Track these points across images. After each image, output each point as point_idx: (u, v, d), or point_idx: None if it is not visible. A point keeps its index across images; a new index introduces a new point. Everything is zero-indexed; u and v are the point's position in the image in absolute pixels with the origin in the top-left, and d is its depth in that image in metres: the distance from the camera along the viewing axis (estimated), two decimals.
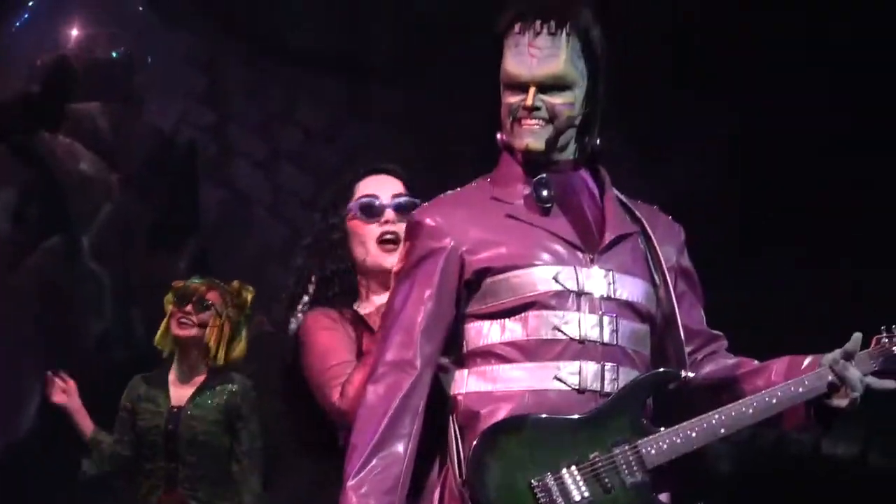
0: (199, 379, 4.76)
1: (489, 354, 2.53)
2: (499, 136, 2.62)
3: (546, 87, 2.52)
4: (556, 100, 2.53)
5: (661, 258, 2.59)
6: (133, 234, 6.24)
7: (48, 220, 6.12)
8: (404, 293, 2.55)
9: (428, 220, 2.57)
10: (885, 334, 2.55)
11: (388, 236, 2.97)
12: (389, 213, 2.99)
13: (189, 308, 4.71)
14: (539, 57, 2.52)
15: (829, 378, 2.50)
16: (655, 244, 2.60)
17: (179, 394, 4.74)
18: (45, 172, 6.13)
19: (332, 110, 6.81)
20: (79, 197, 6.18)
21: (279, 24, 6.66)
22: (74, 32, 6.18)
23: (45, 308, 6.05)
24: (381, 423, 2.49)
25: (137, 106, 6.35)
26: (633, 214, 2.62)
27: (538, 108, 2.52)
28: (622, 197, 2.65)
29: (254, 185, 6.70)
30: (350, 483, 2.47)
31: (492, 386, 2.52)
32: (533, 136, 2.54)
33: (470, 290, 2.54)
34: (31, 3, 6.22)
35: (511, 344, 2.52)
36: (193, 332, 4.71)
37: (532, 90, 2.52)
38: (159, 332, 4.83)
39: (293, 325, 2.98)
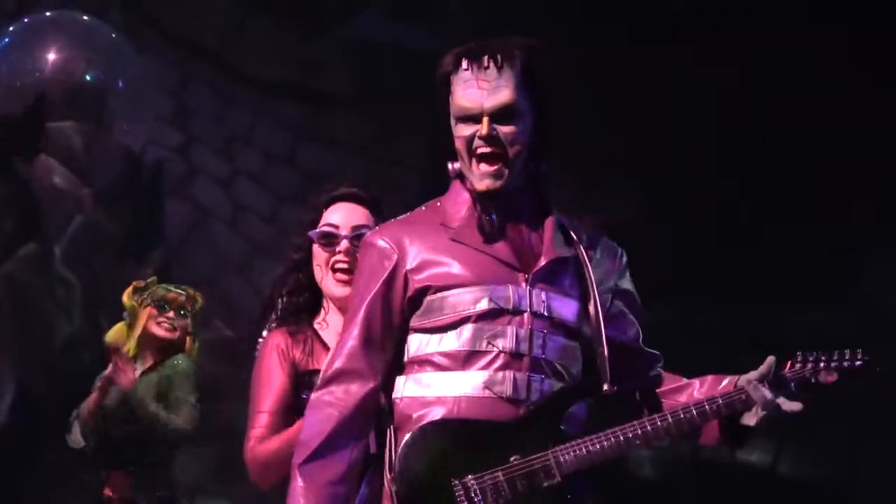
0: (147, 363, 4.92)
1: (426, 362, 2.62)
2: (451, 165, 2.68)
3: (497, 116, 2.58)
4: (508, 128, 2.59)
5: (593, 280, 2.64)
6: (102, 245, 6.39)
7: (23, 230, 6.25)
8: (354, 307, 2.66)
9: (378, 241, 2.67)
10: (799, 359, 2.60)
11: (341, 265, 3.07)
12: (345, 244, 3.08)
13: (171, 314, 4.93)
14: (488, 89, 2.59)
15: (742, 398, 2.55)
16: (588, 268, 2.65)
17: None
18: (21, 186, 6.28)
19: (290, 134, 7.09)
20: (52, 209, 6.34)
21: (242, 52, 6.91)
22: (51, 57, 6.33)
23: (18, 312, 6.17)
24: (330, 425, 2.58)
25: (109, 126, 6.52)
26: (571, 239, 2.67)
27: (493, 137, 2.58)
28: (564, 220, 2.70)
29: (215, 201, 6.93)
30: (298, 470, 2.58)
31: (426, 391, 2.61)
32: (492, 178, 2.60)
33: (413, 305, 2.63)
34: (10, 29, 6.40)
35: (446, 354, 2.59)
36: (176, 335, 4.91)
37: (486, 119, 2.58)
38: (135, 335, 4.95)
39: (259, 341, 3.14)
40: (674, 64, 6.28)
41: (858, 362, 2.54)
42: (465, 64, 2.61)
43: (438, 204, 2.72)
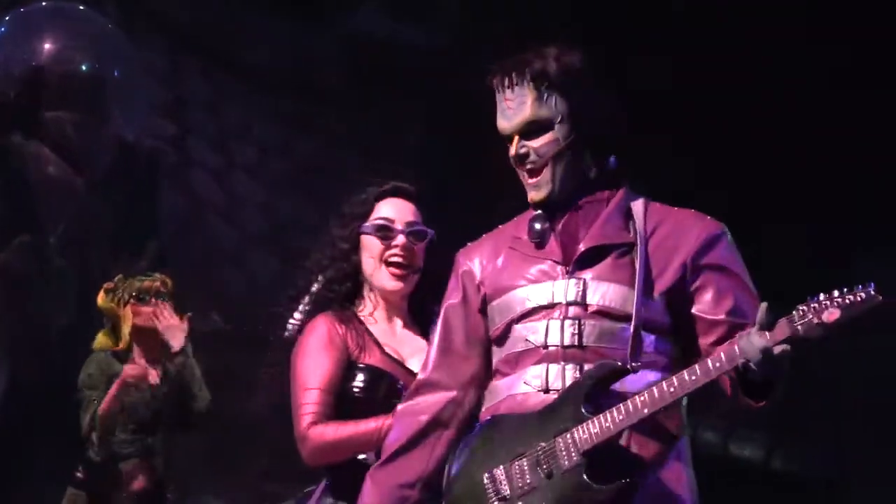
0: (155, 376, 5.01)
1: (496, 372, 2.75)
2: None
3: (525, 133, 2.68)
4: (538, 142, 2.68)
5: (639, 262, 2.62)
6: (96, 235, 6.39)
7: (17, 220, 6.27)
8: (440, 320, 2.83)
9: (459, 255, 2.86)
10: (802, 304, 2.48)
11: (396, 259, 3.18)
12: (402, 239, 3.18)
13: (153, 301, 5.01)
14: (513, 108, 2.69)
15: (736, 350, 2.48)
16: (638, 249, 2.63)
17: (151, 376, 4.99)
18: (16, 175, 6.29)
19: (285, 126, 7.11)
20: (46, 199, 6.35)
21: (238, 44, 6.93)
22: (47, 46, 6.32)
23: (12, 302, 6.18)
24: (407, 435, 2.75)
25: (103, 116, 6.50)
26: (629, 224, 2.68)
27: (526, 155, 2.69)
28: (637, 206, 2.70)
29: (209, 193, 6.93)
30: (370, 475, 2.77)
31: (490, 401, 2.74)
32: (535, 189, 2.71)
33: (485, 318, 2.78)
34: (6, 18, 6.37)
35: (504, 360, 2.71)
36: (165, 323, 4.98)
37: (515, 139, 2.70)
38: (125, 334, 5.03)
39: (293, 323, 3.21)
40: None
41: (861, 295, 2.44)
42: (495, 87, 2.72)
43: (523, 215, 2.80)
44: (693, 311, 2.66)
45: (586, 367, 2.60)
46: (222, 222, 6.97)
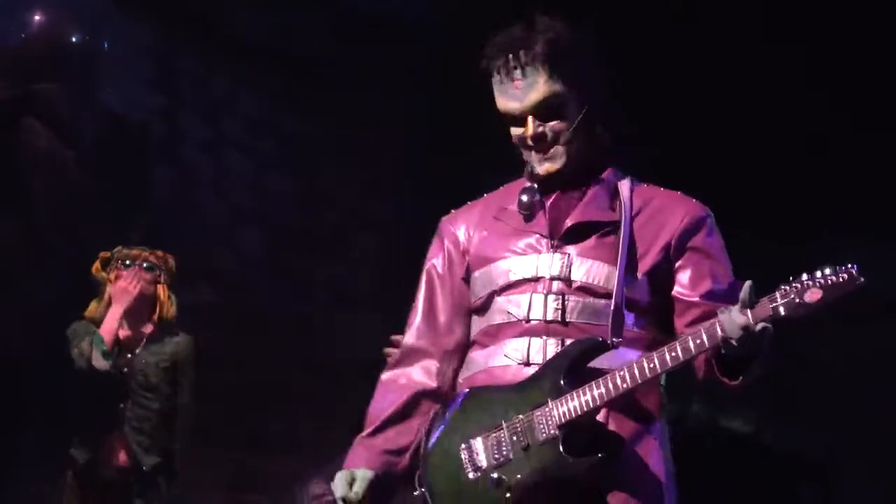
0: (148, 329, 5.12)
1: (475, 343, 2.76)
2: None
3: (539, 112, 2.66)
4: (552, 120, 2.67)
5: (623, 240, 2.64)
6: (87, 208, 6.37)
7: (7, 193, 6.26)
8: (418, 290, 2.85)
9: (443, 223, 2.87)
10: (785, 284, 2.48)
11: None
12: None
13: (136, 269, 5.08)
14: (521, 88, 2.65)
15: (716, 326, 2.48)
16: (623, 228, 2.64)
17: (130, 341, 5.08)
18: (5, 147, 6.27)
19: (274, 100, 7.08)
20: (36, 171, 6.35)
21: (228, 17, 6.88)
22: (37, 18, 6.33)
23: (2, 277, 6.19)
24: (395, 406, 2.77)
25: (93, 88, 6.51)
26: (616, 202, 2.69)
27: (543, 135, 2.67)
28: (624, 184, 2.72)
29: (199, 166, 6.92)
30: (360, 440, 2.77)
31: (468, 371, 2.75)
32: (551, 162, 2.69)
33: (467, 286, 2.79)
34: None
35: (485, 332, 2.73)
36: (140, 286, 5.05)
37: (529, 120, 2.67)
38: (107, 299, 5.07)
39: None
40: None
41: (843, 275, 2.44)
42: (495, 68, 2.67)
43: (510, 185, 2.81)
44: (672, 291, 2.68)
45: (568, 342, 2.61)
46: (212, 196, 6.94)
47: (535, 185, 2.71)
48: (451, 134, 6.16)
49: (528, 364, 2.63)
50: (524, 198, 2.70)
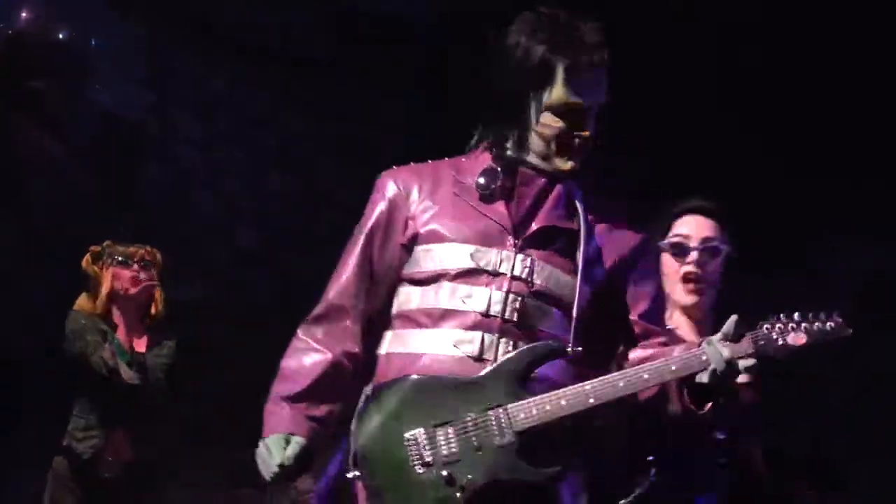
0: (144, 333, 5.10)
1: (408, 318, 2.68)
2: (484, 139, 2.77)
3: (592, 115, 2.69)
4: (593, 123, 2.70)
5: (582, 252, 2.68)
6: (78, 205, 6.31)
7: (2, 191, 6.21)
8: (353, 243, 2.76)
9: (389, 182, 2.76)
10: (770, 320, 2.58)
11: (690, 276, 3.26)
12: (694, 255, 3.27)
13: (136, 268, 5.07)
14: (590, 86, 2.66)
15: (702, 357, 2.55)
16: (582, 240, 2.68)
17: (134, 342, 5.06)
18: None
19: (270, 97, 7.01)
20: (27, 168, 6.29)
21: (222, 13, 6.82)
22: (25, 14, 6.27)
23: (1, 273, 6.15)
24: (320, 369, 2.68)
25: (85, 84, 6.45)
26: (575, 211, 2.71)
27: (588, 137, 2.68)
28: (577, 193, 2.74)
29: (192, 163, 6.86)
30: (285, 400, 2.67)
31: (402, 348, 2.67)
32: (570, 162, 2.68)
33: (406, 251, 2.71)
34: None
35: (425, 311, 2.66)
36: (144, 288, 5.05)
37: (586, 120, 2.67)
38: (103, 297, 5.05)
39: None
40: None
41: (831, 324, 2.52)
42: (566, 54, 2.63)
43: (463, 160, 2.78)
44: (615, 309, 2.73)
45: (519, 344, 2.61)
46: (205, 193, 6.90)
47: (499, 170, 2.70)
48: (453, 132, 6.13)
49: (481, 360, 2.61)
50: (481, 180, 2.70)
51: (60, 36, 6.39)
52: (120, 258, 5.07)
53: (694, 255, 3.28)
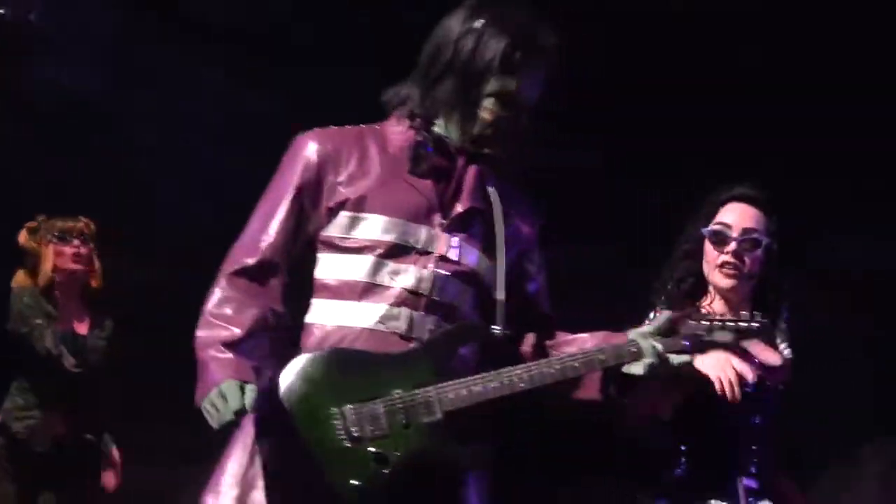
0: (84, 311, 5.12)
1: (330, 289, 2.72)
2: (398, 106, 2.85)
3: (525, 107, 2.83)
4: (525, 119, 2.83)
5: (502, 235, 2.80)
6: (29, 190, 6.24)
7: None
8: (275, 200, 2.75)
9: (314, 142, 2.77)
10: (696, 317, 2.76)
11: (728, 266, 3.40)
12: (733, 245, 3.41)
13: (76, 242, 5.10)
14: (534, 77, 2.80)
15: (631, 349, 2.70)
16: (501, 223, 2.80)
17: (76, 325, 5.08)
18: None
19: (228, 78, 6.94)
20: None
21: None
22: None
23: None
24: (252, 321, 2.66)
25: (37, 64, 6.38)
26: (490, 194, 2.83)
27: (523, 121, 2.82)
28: (491, 176, 2.85)
29: (148, 143, 6.80)
30: (226, 346, 2.64)
31: (327, 320, 2.70)
32: (507, 148, 2.82)
33: (330, 215, 2.73)
34: None
35: (347, 283, 2.70)
36: (84, 263, 5.10)
37: (521, 106, 2.81)
38: (45, 272, 5.07)
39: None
40: None
41: (755, 324, 2.67)
42: (522, 50, 2.75)
43: (387, 129, 2.82)
44: (521, 293, 2.85)
45: (443, 323, 2.68)
46: (162, 174, 6.82)
47: (429, 147, 2.76)
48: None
49: (409, 338, 2.66)
50: (412, 153, 2.75)
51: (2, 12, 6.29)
52: (58, 234, 5.06)
53: (733, 245, 3.40)
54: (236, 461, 2.66)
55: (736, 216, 3.45)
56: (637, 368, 2.70)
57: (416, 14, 2.91)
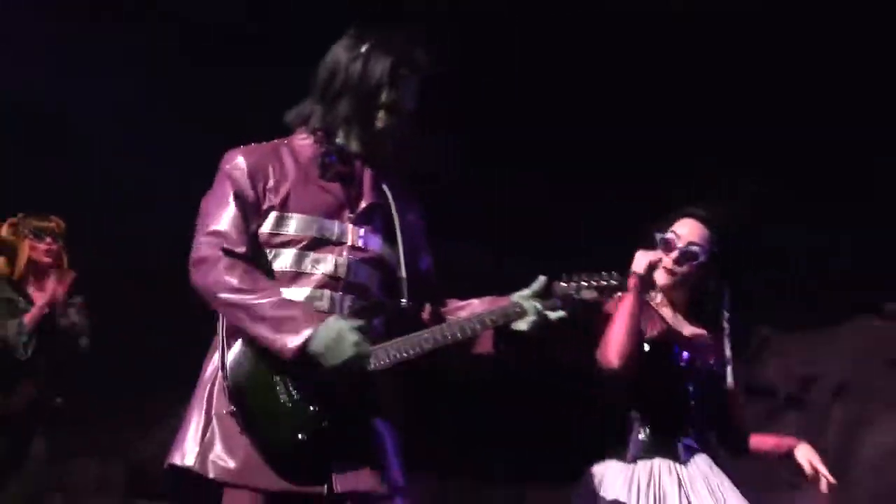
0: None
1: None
2: (322, 120, 3.26)
3: (407, 115, 3.29)
4: (408, 125, 3.30)
5: (398, 223, 3.28)
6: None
7: None
8: (231, 202, 3.14)
9: (240, 158, 3.21)
10: (565, 278, 3.22)
11: (667, 270, 3.90)
12: (675, 253, 3.93)
13: (49, 240, 5.76)
14: (415, 96, 3.28)
15: (517, 309, 3.19)
16: (395, 214, 3.28)
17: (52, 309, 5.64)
18: None
19: (190, 67, 6.98)
20: None
21: None
22: None
23: None
24: (259, 277, 3.09)
25: None
26: (384, 189, 3.30)
27: (407, 130, 3.30)
28: (381, 174, 3.31)
29: (103, 134, 6.92)
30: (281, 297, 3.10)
31: None
32: (397, 152, 3.32)
33: (265, 216, 3.18)
34: None
35: (277, 272, 3.17)
36: (54, 258, 5.74)
37: (408, 119, 3.28)
38: (21, 264, 5.72)
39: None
40: None
41: (613, 281, 3.19)
42: (408, 68, 3.26)
43: (294, 143, 3.28)
44: (417, 271, 3.32)
45: (358, 301, 3.16)
46: (123, 164, 6.92)
47: (333, 156, 3.22)
48: None
49: (328, 314, 3.08)
50: (320, 162, 3.22)
51: None
52: (34, 231, 5.73)
53: (675, 254, 3.92)
54: (195, 422, 3.10)
55: (686, 230, 3.95)
56: (522, 325, 3.18)
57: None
